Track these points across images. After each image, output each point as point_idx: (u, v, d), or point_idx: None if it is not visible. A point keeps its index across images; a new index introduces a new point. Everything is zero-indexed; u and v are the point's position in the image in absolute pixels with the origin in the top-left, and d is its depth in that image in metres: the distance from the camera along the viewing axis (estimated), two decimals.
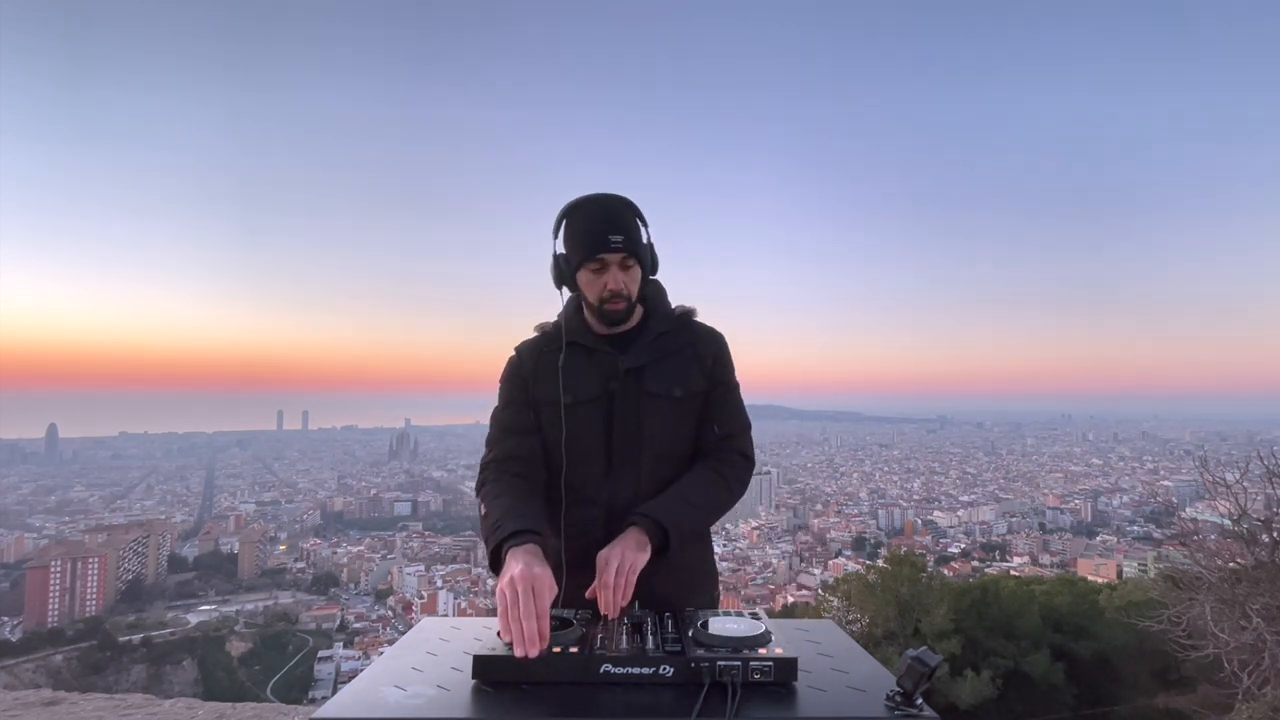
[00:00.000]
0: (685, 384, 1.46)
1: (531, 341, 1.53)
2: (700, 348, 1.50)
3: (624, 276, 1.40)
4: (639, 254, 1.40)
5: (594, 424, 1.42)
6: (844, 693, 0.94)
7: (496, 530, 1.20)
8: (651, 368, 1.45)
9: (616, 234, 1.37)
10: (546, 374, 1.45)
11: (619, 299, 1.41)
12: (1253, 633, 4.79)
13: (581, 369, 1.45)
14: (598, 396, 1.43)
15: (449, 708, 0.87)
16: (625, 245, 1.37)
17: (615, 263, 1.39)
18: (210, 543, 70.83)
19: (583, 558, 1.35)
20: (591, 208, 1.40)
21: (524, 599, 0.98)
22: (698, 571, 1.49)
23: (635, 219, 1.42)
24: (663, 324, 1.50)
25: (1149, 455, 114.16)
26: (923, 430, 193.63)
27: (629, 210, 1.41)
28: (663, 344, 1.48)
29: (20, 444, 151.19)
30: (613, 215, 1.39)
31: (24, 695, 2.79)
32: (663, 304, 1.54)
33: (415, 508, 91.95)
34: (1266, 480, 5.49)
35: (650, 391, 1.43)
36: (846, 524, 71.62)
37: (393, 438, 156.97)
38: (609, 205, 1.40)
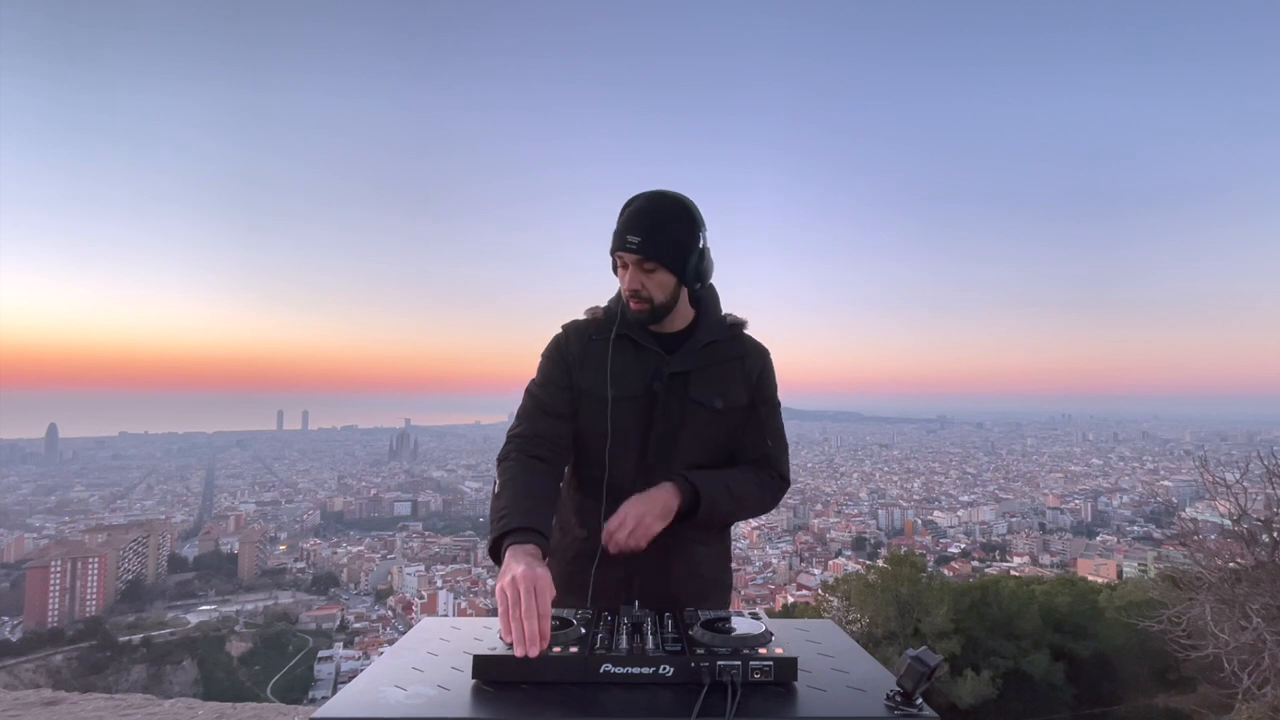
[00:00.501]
0: (727, 396, 1.45)
1: (580, 324, 1.51)
2: (748, 362, 1.50)
3: (643, 278, 1.38)
4: (659, 259, 1.36)
5: (633, 423, 1.41)
6: (844, 693, 0.94)
7: (502, 520, 1.20)
8: (696, 375, 1.44)
9: (635, 235, 1.36)
10: (593, 363, 1.44)
11: (636, 299, 1.40)
12: (1253, 633, 4.79)
13: (627, 363, 1.43)
14: (640, 395, 1.42)
15: (449, 708, 0.87)
16: (639, 248, 1.35)
17: (632, 263, 1.38)
18: (210, 543, 70.80)
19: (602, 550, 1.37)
20: (632, 205, 1.40)
21: (525, 599, 0.98)
22: (715, 578, 1.49)
23: (676, 222, 1.38)
24: (713, 332, 1.48)
25: (1149, 455, 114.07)
26: (923, 430, 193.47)
27: (666, 213, 1.38)
28: (711, 353, 1.47)
29: (20, 444, 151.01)
30: (643, 216, 1.37)
31: (24, 695, 2.79)
32: (714, 311, 1.52)
33: (415, 508, 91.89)
34: (1266, 480, 5.49)
35: (693, 399, 1.42)
36: (846, 524, 71.57)
37: (393, 438, 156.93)
38: (644, 205, 1.39)
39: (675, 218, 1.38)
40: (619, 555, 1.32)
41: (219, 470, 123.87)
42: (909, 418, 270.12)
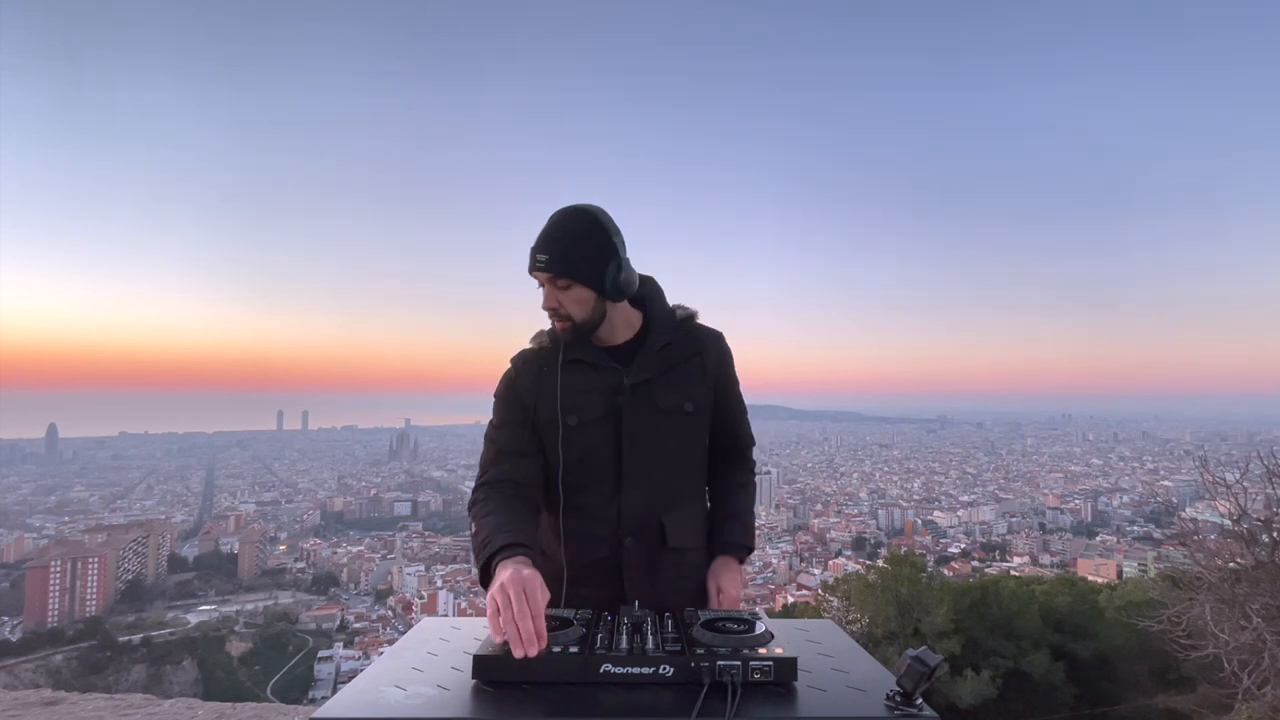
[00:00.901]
0: (695, 397, 1.43)
1: (529, 354, 1.47)
2: (707, 356, 1.47)
3: (559, 295, 1.36)
4: (571, 275, 1.33)
5: (601, 443, 1.39)
6: (844, 693, 0.93)
7: (485, 546, 1.19)
8: (659, 382, 1.41)
9: (543, 254, 1.33)
10: (547, 393, 1.40)
11: (556, 318, 1.38)
12: (1253, 633, 4.79)
13: (584, 386, 1.40)
14: (604, 415, 1.39)
15: (449, 708, 0.87)
16: (548, 265, 1.32)
17: (546, 281, 1.36)
18: (210, 543, 70.82)
19: (587, 573, 1.38)
20: (545, 225, 1.36)
21: (517, 601, 0.97)
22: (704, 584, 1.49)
23: (586, 236, 1.34)
24: (665, 333, 1.45)
25: (1149, 455, 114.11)
26: (923, 430, 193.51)
27: (573, 228, 1.34)
28: (669, 355, 1.43)
29: (20, 444, 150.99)
30: (549, 233, 1.34)
31: (24, 695, 2.79)
32: (663, 309, 1.49)
33: (415, 508, 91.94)
34: (1266, 480, 5.48)
35: (661, 408, 1.40)
36: (846, 524, 71.60)
37: (393, 438, 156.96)
38: (552, 222, 1.35)
39: (583, 232, 1.34)
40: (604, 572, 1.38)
41: (219, 470, 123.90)
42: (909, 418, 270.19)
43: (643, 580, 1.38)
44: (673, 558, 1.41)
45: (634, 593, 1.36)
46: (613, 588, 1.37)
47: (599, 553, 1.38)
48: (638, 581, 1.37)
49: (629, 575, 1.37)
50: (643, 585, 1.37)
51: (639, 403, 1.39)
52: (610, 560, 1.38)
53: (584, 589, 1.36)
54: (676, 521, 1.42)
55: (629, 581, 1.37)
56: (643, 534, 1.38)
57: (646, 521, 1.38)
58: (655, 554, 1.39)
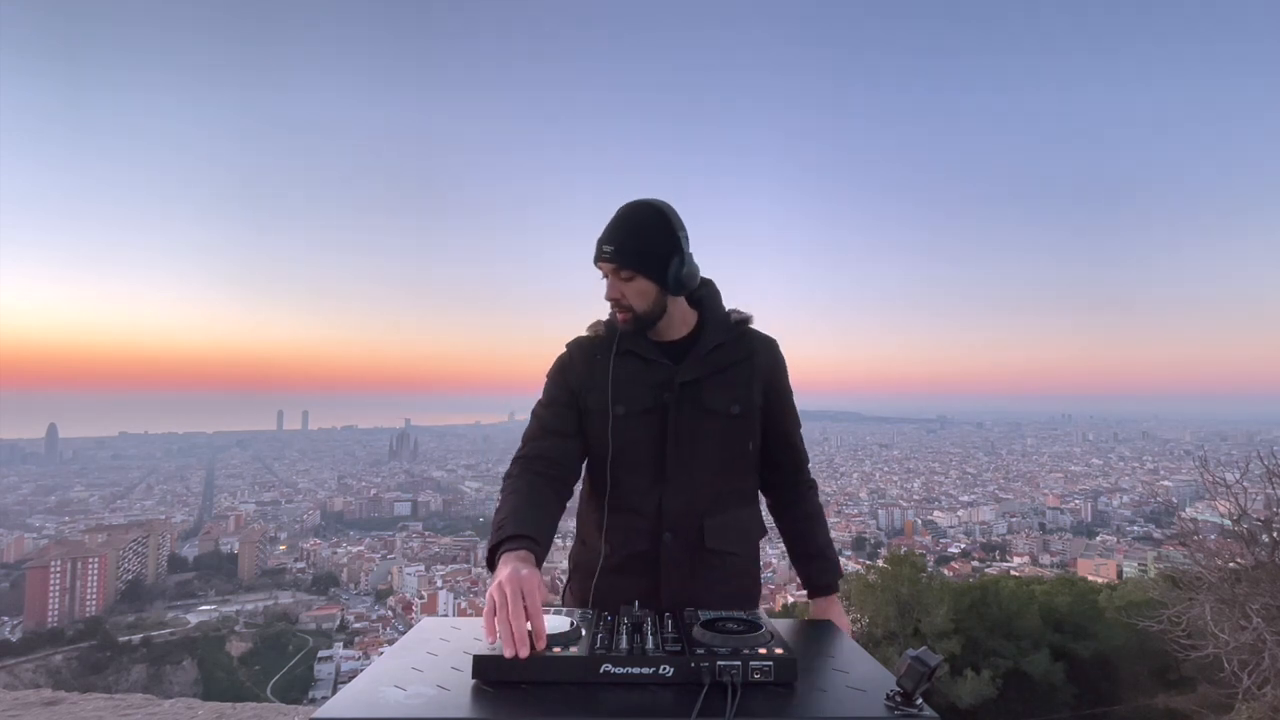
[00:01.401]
0: (742, 400, 1.44)
1: (584, 341, 1.50)
2: (757, 359, 1.48)
3: (622, 287, 1.38)
4: (634, 266, 1.36)
5: (645, 437, 1.40)
6: (844, 693, 0.93)
7: (498, 530, 1.21)
8: (708, 382, 1.42)
9: (609, 244, 1.36)
10: (598, 380, 1.42)
11: (619, 309, 1.40)
12: (1253, 633, 4.79)
13: (634, 379, 1.41)
14: (650, 409, 1.40)
15: (449, 708, 0.87)
16: (614, 256, 1.35)
17: (609, 272, 1.38)
18: (210, 543, 70.85)
19: (626, 564, 1.40)
20: (613, 216, 1.40)
21: (513, 600, 0.98)
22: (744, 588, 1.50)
23: (651, 229, 1.37)
24: (719, 334, 1.46)
25: (1149, 455, 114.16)
26: (923, 430, 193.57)
27: (639, 220, 1.38)
28: (720, 356, 1.44)
29: (20, 444, 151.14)
30: (617, 224, 1.38)
31: (24, 695, 2.79)
32: (718, 311, 1.51)
33: (415, 508, 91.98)
34: (1266, 480, 5.48)
35: (708, 408, 1.41)
36: (846, 524, 71.58)
37: (393, 438, 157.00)
38: (619, 214, 1.39)
39: (649, 224, 1.37)
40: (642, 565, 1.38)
41: (219, 470, 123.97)
42: (909, 418, 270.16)
43: (680, 578, 1.38)
44: (712, 559, 1.41)
45: (670, 589, 1.37)
46: (650, 581, 1.38)
47: (639, 545, 1.39)
48: (675, 578, 1.38)
49: (666, 571, 1.38)
50: (680, 583, 1.38)
51: (686, 400, 1.40)
52: (649, 554, 1.39)
53: (622, 579, 1.38)
54: (717, 524, 1.42)
55: (665, 577, 1.38)
56: (682, 532, 1.39)
57: (686, 520, 1.39)
58: (694, 554, 1.40)
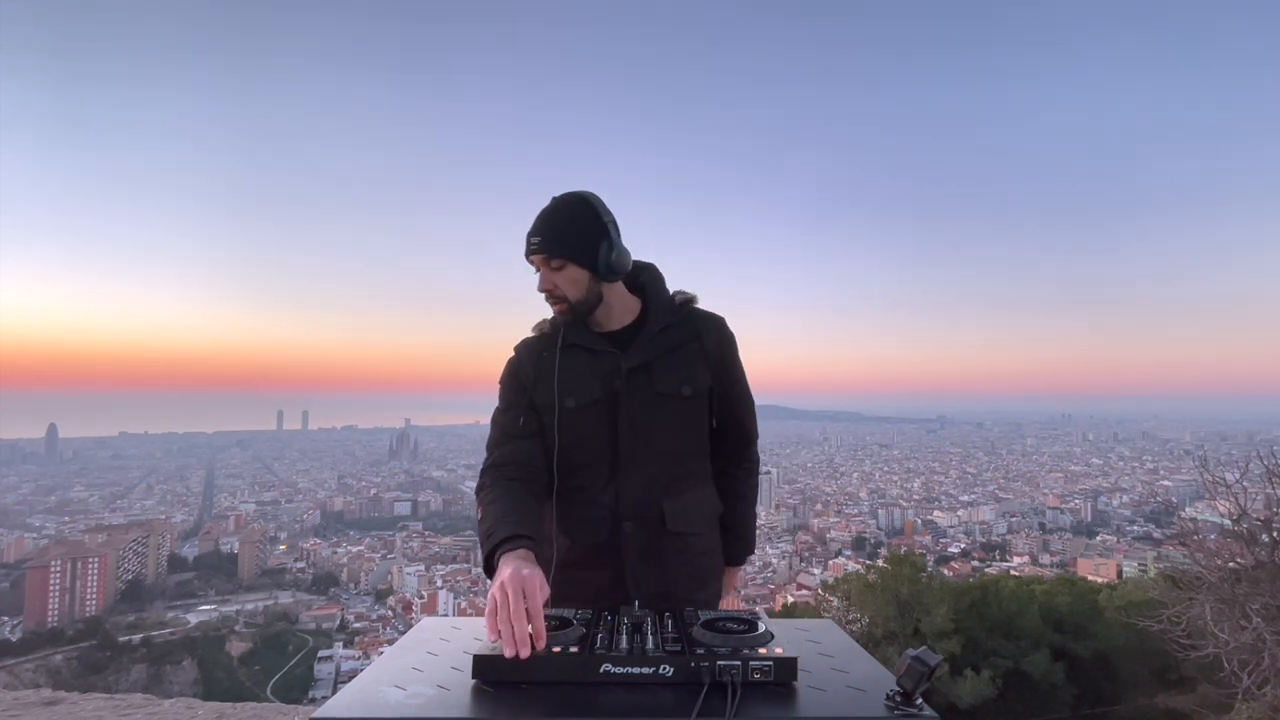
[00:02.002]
0: (693, 381, 1.43)
1: (530, 341, 1.51)
2: (705, 339, 1.47)
3: (554, 277, 1.38)
4: (563, 254, 1.36)
5: (598, 427, 1.40)
6: (844, 693, 0.93)
7: (490, 536, 1.20)
8: (657, 365, 1.42)
9: (535, 235, 1.37)
10: (545, 376, 1.43)
11: (553, 300, 1.41)
12: (1253, 633, 4.79)
13: (582, 370, 1.42)
14: (600, 399, 1.40)
15: (449, 708, 0.87)
16: (540, 246, 1.36)
17: (539, 263, 1.39)
18: (210, 543, 70.81)
19: (587, 557, 1.39)
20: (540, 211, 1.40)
21: (514, 600, 0.98)
22: (708, 565, 1.51)
23: (576, 218, 1.37)
24: (664, 316, 1.46)
25: (1149, 455, 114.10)
26: (923, 430, 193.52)
27: (563, 210, 1.38)
28: (666, 339, 1.44)
29: (20, 444, 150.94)
30: (541, 217, 1.38)
31: (24, 695, 2.79)
32: (661, 294, 1.50)
33: (415, 508, 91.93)
34: (1266, 480, 5.48)
35: (659, 391, 1.41)
36: (846, 524, 71.61)
37: (393, 438, 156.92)
38: (545, 207, 1.39)
39: (574, 213, 1.38)
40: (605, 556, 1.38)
41: (219, 470, 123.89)
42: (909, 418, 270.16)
43: (644, 564, 1.38)
44: (675, 541, 1.42)
45: (634, 576, 1.37)
46: (613, 571, 1.38)
47: (598, 536, 1.39)
48: (638, 565, 1.38)
49: (629, 558, 1.38)
50: (644, 569, 1.38)
51: (636, 386, 1.40)
52: (610, 543, 1.38)
53: (583, 571, 1.38)
54: (677, 506, 1.42)
55: (629, 565, 1.38)
56: (642, 518, 1.39)
57: (645, 505, 1.39)
58: (656, 538, 1.39)
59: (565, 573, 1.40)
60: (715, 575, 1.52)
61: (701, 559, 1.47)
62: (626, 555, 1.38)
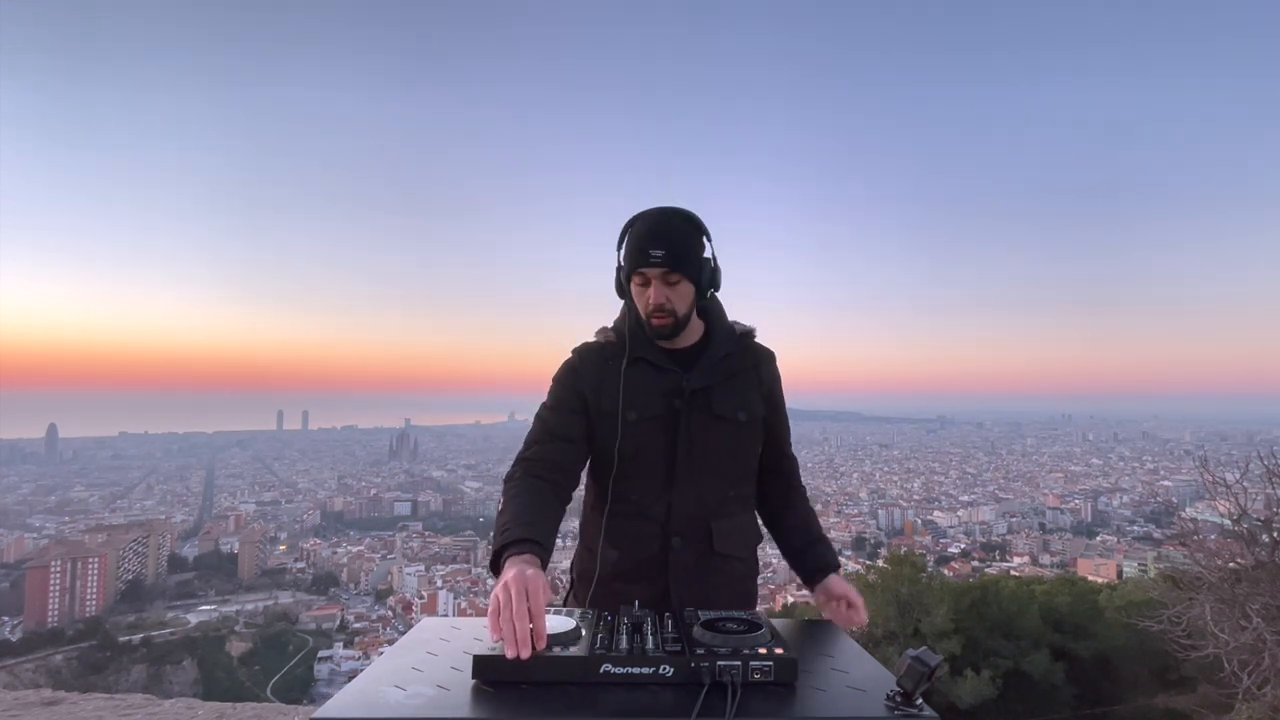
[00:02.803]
0: (749, 408, 1.47)
1: (593, 347, 1.51)
2: (762, 370, 1.53)
3: (668, 291, 1.39)
4: (683, 270, 1.38)
5: (656, 441, 1.42)
6: (844, 693, 0.93)
7: (503, 534, 1.21)
8: (717, 390, 1.45)
9: (658, 248, 1.36)
10: (609, 386, 1.43)
11: (661, 314, 1.41)
12: (1253, 633, 4.79)
13: (645, 384, 1.43)
14: (661, 415, 1.42)
15: (449, 708, 0.87)
16: (665, 260, 1.36)
17: (656, 277, 1.38)
18: (210, 543, 70.82)
19: (635, 569, 1.41)
20: (645, 221, 1.40)
21: (517, 601, 0.98)
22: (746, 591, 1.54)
23: (690, 234, 1.40)
24: (726, 344, 1.50)
25: (1149, 455, 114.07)
26: (923, 430, 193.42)
27: (683, 224, 1.40)
28: (728, 365, 1.48)
29: (20, 444, 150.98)
30: (661, 229, 1.39)
31: (24, 695, 2.79)
32: (723, 322, 1.54)
33: (415, 508, 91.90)
34: (1266, 480, 5.49)
35: (717, 414, 1.43)
36: (846, 524, 71.62)
37: (393, 438, 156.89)
38: (660, 219, 1.40)
39: (688, 229, 1.41)
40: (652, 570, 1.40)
41: (219, 470, 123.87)
42: (909, 418, 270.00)
43: (689, 582, 1.39)
44: (720, 563, 1.44)
45: (679, 593, 1.38)
46: (659, 586, 1.39)
47: (648, 550, 1.40)
48: (684, 582, 1.39)
49: (675, 575, 1.39)
50: (689, 587, 1.39)
51: (696, 407, 1.43)
52: (658, 558, 1.40)
53: (629, 585, 1.38)
54: (725, 528, 1.45)
55: (675, 581, 1.39)
56: (691, 536, 1.41)
57: (695, 524, 1.41)
58: (703, 557, 1.41)
59: (611, 585, 1.40)
60: (752, 600, 1.54)
61: (742, 584, 1.50)
62: (673, 571, 1.39)
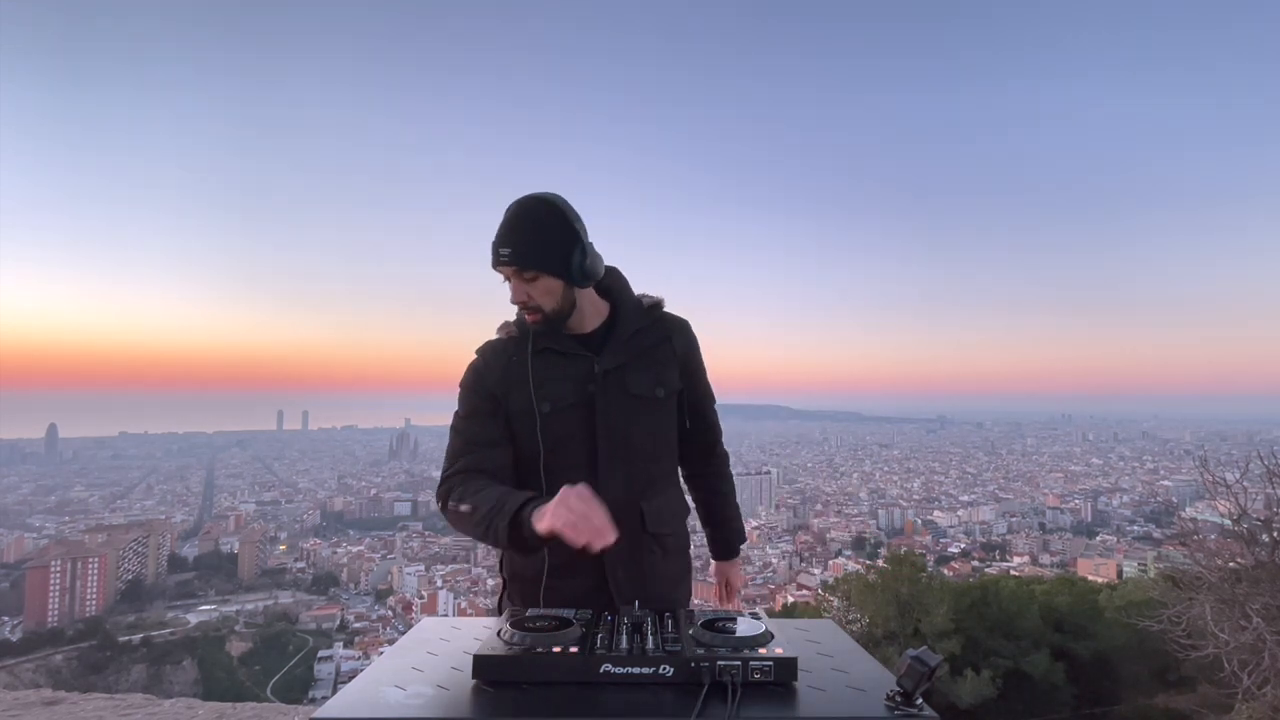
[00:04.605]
0: (666, 383, 1.46)
1: (496, 344, 1.47)
2: (675, 341, 1.51)
3: (527, 288, 1.35)
4: (535, 266, 1.32)
5: (575, 431, 1.39)
6: (844, 693, 0.94)
7: (502, 509, 1.20)
8: (630, 368, 1.42)
9: (505, 246, 1.32)
10: (518, 381, 1.40)
11: (527, 310, 1.38)
12: (1253, 633, 4.79)
13: (555, 374, 1.40)
14: (576, 403, 1.39)
15: (449, 708, 0.87)
16: (513, 258, 1.32)
17: (511, 275, 1.35)
18: (210, 543, 70.83)
19: (570, 563, 1.38)
20: (504, 218, 1.35)
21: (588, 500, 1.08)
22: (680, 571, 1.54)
23: (546, 226, 1.33)
24: (634, 320, 1.47)
25: (1149, 455, 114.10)
26: (923, 430, 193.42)
27: (532, 216, 1.33)
28: (639, 342, 1.45)
29: (20, 444, 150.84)
30: (509, 226, 1.33)
31: (24, 695, 2.79)
32: (630, 297, 1.50)
33: (415, 508, 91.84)
34: (1266, 480, 5.49)
35: (633, 393, 1.41)
36: (846, 524, 71.61)
37: (393, 438, 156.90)
38: (510, 215, 1.34)
39: (544, 220, 1.33)
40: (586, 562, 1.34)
41: (219, 470, 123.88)
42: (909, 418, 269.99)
43: (625, 567, 1.39)
44: (652, 542, 1.44)
45: (615, 579, 1.37)
46: (595, 576, 1.38)
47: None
48: (619, 568, 1.38)
49: (611, 562, 1.37)
50: (625, 572, 1.38)
51: (611, 389, 1.40)
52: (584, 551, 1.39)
53: (566, 580, 1.38)
54: (655, 507, 1.45)
55: (611, 569, 1.38)
56: (622, 520, 1.38)
57: (625, 508, 1.38)
58: (636, 540, 1.40)
59: (547, 581, 1.39)
60: (686, 573, 1.56)
61: (676, 558, 1.51)
62: (609, 559, 1.36)
